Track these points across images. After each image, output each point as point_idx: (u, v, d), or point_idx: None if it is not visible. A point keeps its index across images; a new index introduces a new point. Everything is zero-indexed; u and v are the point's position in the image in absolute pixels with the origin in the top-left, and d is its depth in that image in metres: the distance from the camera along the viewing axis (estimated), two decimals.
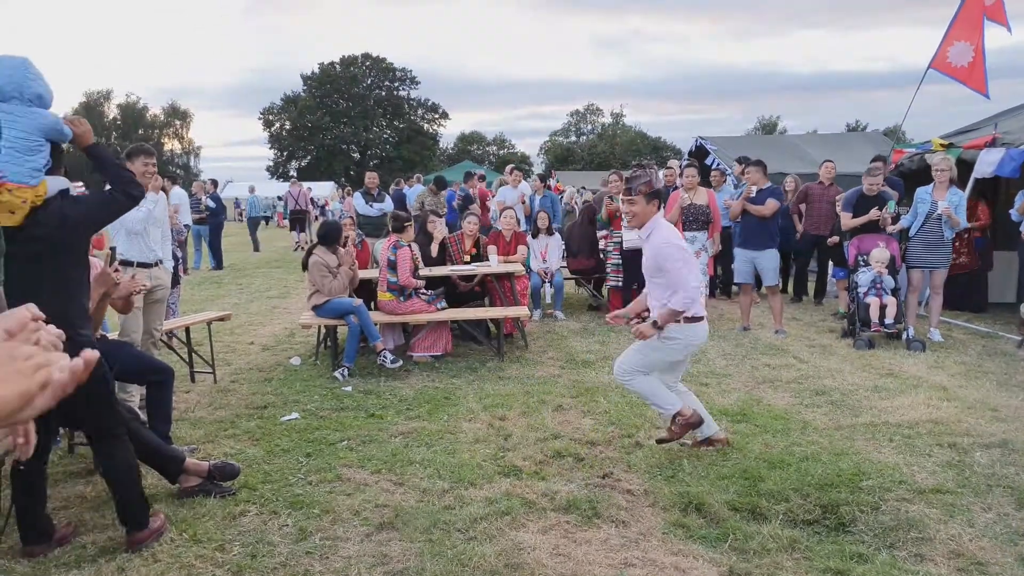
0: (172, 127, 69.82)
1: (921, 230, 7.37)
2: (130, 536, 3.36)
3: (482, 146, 74.45)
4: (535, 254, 9.07)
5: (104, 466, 3.51)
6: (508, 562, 3.18)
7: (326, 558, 3.27)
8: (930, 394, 5.54)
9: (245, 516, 3.69)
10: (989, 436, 4.63)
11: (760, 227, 7.85)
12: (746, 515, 3.63)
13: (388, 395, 5.80)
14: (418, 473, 4.19)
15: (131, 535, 3.36)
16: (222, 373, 6.53)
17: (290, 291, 12.03)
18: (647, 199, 4.21)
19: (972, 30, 9.62)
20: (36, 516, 3.34)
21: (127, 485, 3.44)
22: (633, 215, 4.23)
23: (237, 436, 4.90)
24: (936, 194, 7.37)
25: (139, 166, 4.85)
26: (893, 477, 4.02)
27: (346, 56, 65.14)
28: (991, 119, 9.42)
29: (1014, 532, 3.41)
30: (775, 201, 7.76)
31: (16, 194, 3.03)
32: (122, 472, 3.45)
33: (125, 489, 3.42)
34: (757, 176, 7.91)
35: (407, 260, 6.71)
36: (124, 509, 3.40)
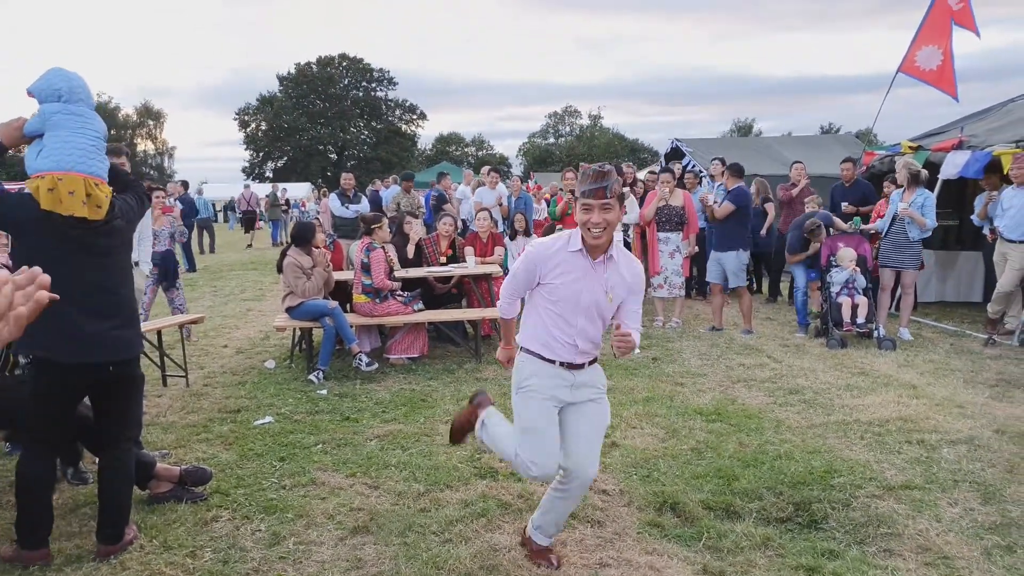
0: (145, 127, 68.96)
1: (890, 231, 7.53)
2: (104, 547, 3.31)
3: (461, 147, 74.37)
4: (513, 255, 9.07)
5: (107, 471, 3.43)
6: (483, 564, 3.18)
7: (299, 563, 3.25)
8: (900, 392, 5.63)
9: (217, 522, 3.65)
10: (956, 433, 4.71)
11: (721, 229, 8.01)
12: (720, 514, 3.66)
13: (364, 398, 5.77)
14: (394, 476, 4.17)
15: (106, 546, 3.31)
16: (195, 377, 6.45)
17: (265, 293, 11.92)
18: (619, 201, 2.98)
19: (940, 34, 9.82)
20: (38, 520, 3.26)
21: (126, 494, 3.43)
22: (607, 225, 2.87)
23: (210, 440, 4.84)
24: (904, 196, 7.51)
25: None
26: (864, 474, 4.08)
27: (323, 56, 64.74)
28: (958, 122, 9.60)
29: (979, 526, 3.48)
30: (728, 204, 7.85)
31: (102, 189, 3.22)
32: (127, 478, 3.45)
33: (122, 498, 3.40)
34: (729, 179, 8.03)
35: (381, 262, 6.68)
36: (113, 520, 3.34)
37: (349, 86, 66.00)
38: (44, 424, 3.24)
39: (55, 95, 3.20)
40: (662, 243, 8.31)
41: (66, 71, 3.29)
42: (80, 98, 3.25)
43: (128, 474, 3.47)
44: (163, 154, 70.01)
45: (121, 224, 3.34)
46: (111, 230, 3.27)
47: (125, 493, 3.43)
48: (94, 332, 3.16)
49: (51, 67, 3.29)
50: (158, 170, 66.62)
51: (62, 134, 3.16)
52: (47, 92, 3.21)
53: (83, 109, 3.25)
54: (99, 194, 3.19)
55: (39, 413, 3.22)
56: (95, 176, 3.20)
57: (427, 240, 8.11)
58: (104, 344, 3.22)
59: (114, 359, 3.27)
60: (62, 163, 3.12)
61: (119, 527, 3.36)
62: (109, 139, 3.47)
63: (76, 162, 3.14)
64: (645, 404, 5.45)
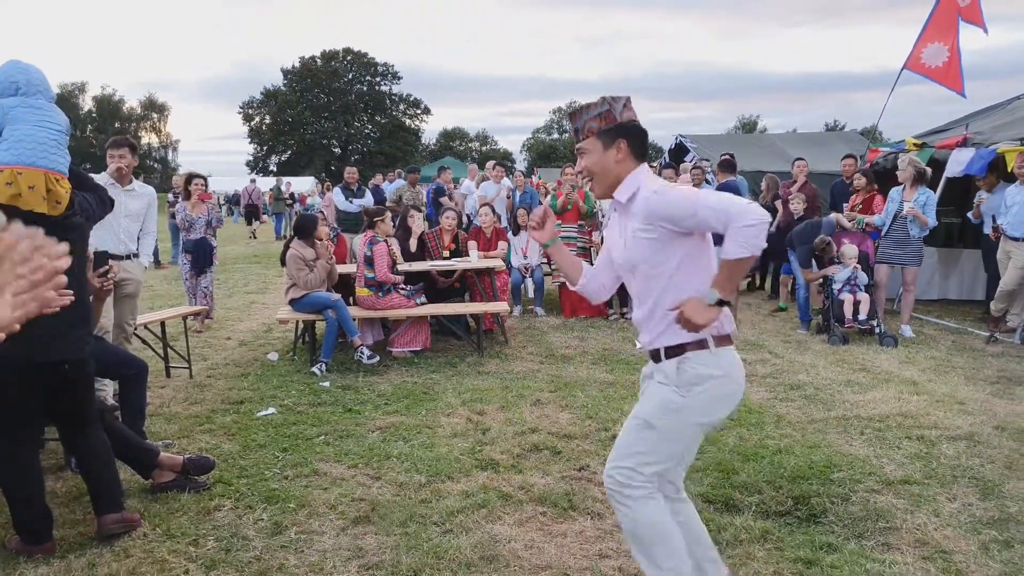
0: (149, 120, 69.06)
1: (891, 228, 7.54)
2: (102, 519, 3.32)
3: (464, 142, 74.46)
4: (516, 250, 9.09)
5: (82, 456, 3.47)
6: (484, 554, 3.20)
7: (301, 552, 3.27)
8: (901, 388, 5.64)
9: (220, 511, 3.68)
10: (956, 429, 4.72)
11: None
12: (720, 507, 3.67)
13: (366, 390, 5.79)
14: (395, 467, 4.20)
15: (105, 517, 3.33)
16: (198, 368, 6.49)
17: (269, 286, 11.96)
18: (605, 140, 2.40)
19: (947, 31, 9.78)
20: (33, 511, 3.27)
21: (107, 464, 3.43)
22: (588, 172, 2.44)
23: (213, 431, 4.88)
24: (905, 194, 7.54)
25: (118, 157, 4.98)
26: (863, 469, 4.09)
27: (327, 51, 64.84)
28: (963, 120, 9.59)
29: (977, 521, 3.49)
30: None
31: (63, 185, 3.17)
32: (102, 454, 3.44)
33: (104, 468, 3.41)
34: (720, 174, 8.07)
35: (384, 255, 6.70)
36: (101, 490, 3.36)
37: (353, 80, 66.05)
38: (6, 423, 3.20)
39: (12, 88, 3.15)
40: None
41: (23, 63, 3.23)
42: (39, 91, 3.19)
43: (104, 451, 3.44)
44: (167, 147, 70.17)
45: (79, 221, 3.28)
46: (70, 226, 3.19)
47: (108, 468, 3.42)
48: (49, 331, 2.93)
49: (8, 60, 3.23)
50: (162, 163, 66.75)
51: (22, 128, 3.10)
52: (4, 85, 3.16)
53: (42, 102, 3.20)
54: (59, 189, 3.12)
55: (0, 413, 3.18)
56: (56, 171, 3.13)
57: (430, 234, 8.14)
58: (59, 343, 3.15)
59: (69, 358, 3.22)
60: (22, 157, 3.06)
61: (115, 498, 3.38)
62: (115, 132, 3.48)
63: (37, 157, 3.08)
64: None
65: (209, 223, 8.38)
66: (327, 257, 6.78)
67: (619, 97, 2.46)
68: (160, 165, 67.53)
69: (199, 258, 8.23)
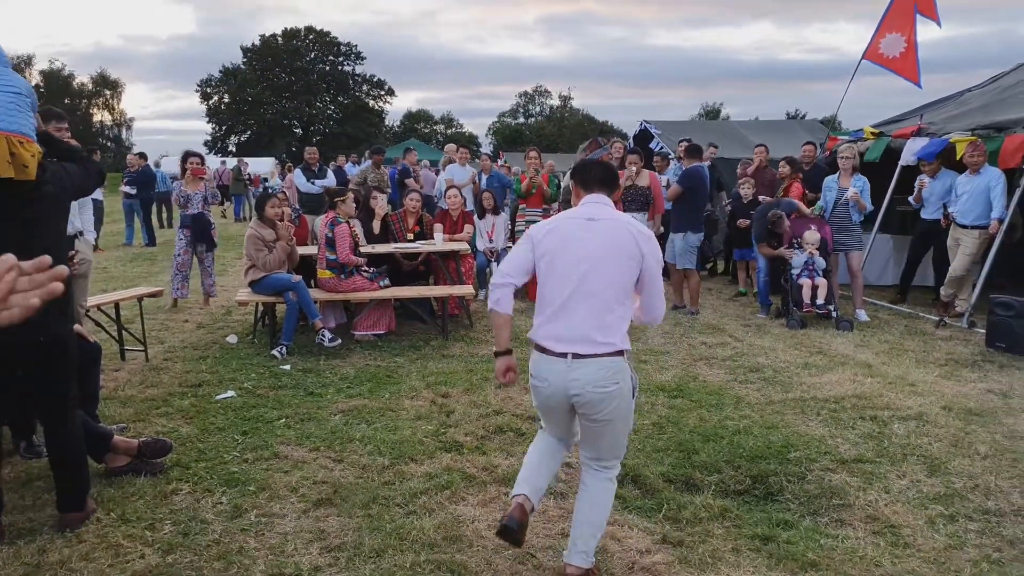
0: (101, 97, 66.93)
1: (832, 216, 7.73)
2: (65, 516, 3.26)
3: (429, 124, 73.74)
4: (481, 233, 9.06)
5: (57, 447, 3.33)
6: (447, 535, 3.21)
7: (262, 535, 3.24)
8: (855, 371, 5.78)
9: (177, 495, 3.62)
10: (907, 409, 4.86)
11: (673, 211, 8.12)
12: (680, 486, 3.74)
13: (328, 373, 5.74)
14: (358, 450, 4.17)
15: (67, 515, 3.26)
16: (154, 351, 6.35)
17: (227, 269, 11.75)
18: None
19: (904, 22, 9.96)
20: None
21: (80, 461, 3.36)
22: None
23: (170, 414, 4.79)
24: (842, 181, 7.80)
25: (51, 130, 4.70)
26: (819, 449, 4.19)
27: (288, 29, 63.48)
28: (917, 110, 9.79)
29: (925, 497, 3.61)
30: (677, 186, 7.95)
31: (27, 147, 3.00)
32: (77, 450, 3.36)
33: (77, 464, 3.33)
34: (686, 159, 8.12)
35: (346, 237, 6.61)
36: (69, 487, 3.28)
37: (315, 60, 64.86)
38: None
39: None
40: None
41: None
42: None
43: (77, 438, 3.36)
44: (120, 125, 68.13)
45: (52, 190, 3.14)
46: (41, 196, 3.08)
47: (80, 458, 3.36)
48: None
49: None
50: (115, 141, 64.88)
51: None
52: None
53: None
54: (24, 153, 2.97)
55: None
56: (18, 134, 2.98)
57: (394, 216, 8.06)
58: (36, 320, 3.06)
59: (44, 335, 3.10)
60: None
61: (81, 494, 3.31)
62: (66, 109, 3.34)
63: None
64: None
65: (206, 199, 8.53)
66: (287, 238, 6.67)
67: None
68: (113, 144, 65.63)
69: (197, 232, 8.40)
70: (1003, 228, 7.26)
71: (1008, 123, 7.55)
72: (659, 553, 3.10)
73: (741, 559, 3.06)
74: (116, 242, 15.16)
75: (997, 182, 7.28)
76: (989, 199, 7.30)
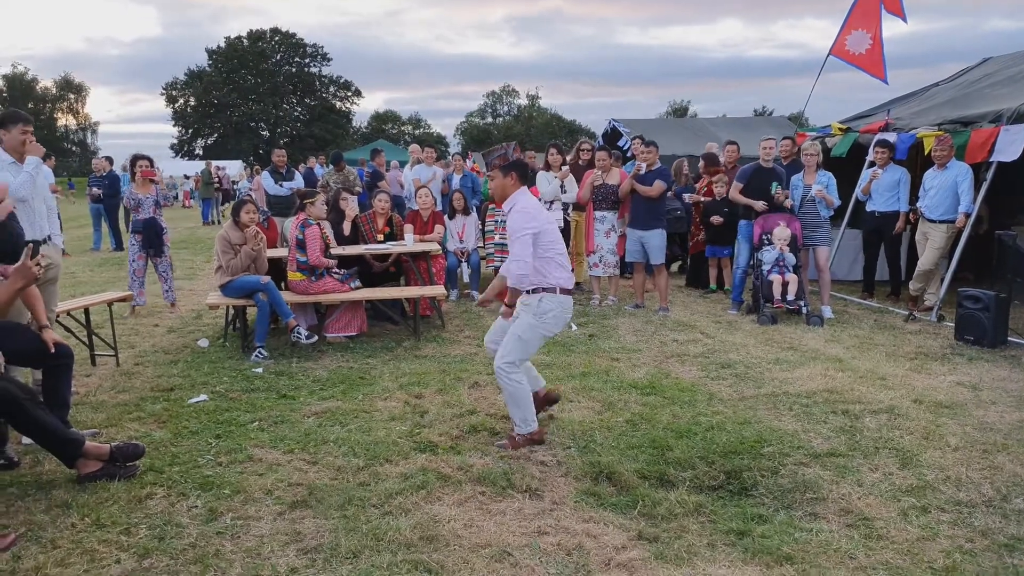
0: (65, 101, 65.64)
1: (800, 212, 7.84)
2: None
3: (397, 125, 73.42)
4: (452, 234, 9.03)
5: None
6: (424, 534, 3.20)
7: (237, 537, 3.20)
8: (826, 365, 5.87)
9: (152, 499, 3.56)
10: (878, 403, 4.94)
11: (647, 207, 8.02)
12: (655, 482, 3.76)
13: (301, 376, 5.69)
14: (332, 452, 4.14)
15: None
16: (125, 356, 6.24)
17: (197, 272, 11.61)
18: (503, 173, 4.22)
19: (870, 19, 10.13)
20: None
21: None
22: (492, 190, 4.30)
23: (142, 419, 4.71)
24: (807, 178, 7.93)
25: (16, 134, 4.61)
26: (791, 443, 4.24)
27: (254, 31, 62.84)
28: (884, 105, 9.96)
29: (897, 489, 3.67)
30: (661, 183, 7.93)
31: None
32: None
33: None
34: (651, 156, 8.09)
35: (316, 239, 6.55)
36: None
37: (281, 61, 64.31)
38: None
39: None
40: (598, 222, 8.37)
41: None
42: None
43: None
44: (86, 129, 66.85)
45: None
46: None
47: None
48: None
49: None
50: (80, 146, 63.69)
51: None
52: None
53: None
54: None
55: None
56: None
57: (363, 218, 8.00)
58: None
59: None
60: None
61: None
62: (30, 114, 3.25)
63: None
64: (582, 379, 5.54)
65: (157, 203, 8.23)
66: (253, 243, 6.54)
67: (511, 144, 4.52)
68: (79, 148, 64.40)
69: (148, 238, 8.10)
70: (970, 222, 7.40)
71: (974, 117, 7.66)
72: (635, 549, 3.12)
73: (716, 554, 3.08)
74: (84, 247, 14.88)
75: (964, 177, 7.41)
76: (956, 193, 7.44)
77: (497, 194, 4.29)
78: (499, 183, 4.24)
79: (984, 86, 9.08)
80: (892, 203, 8.23)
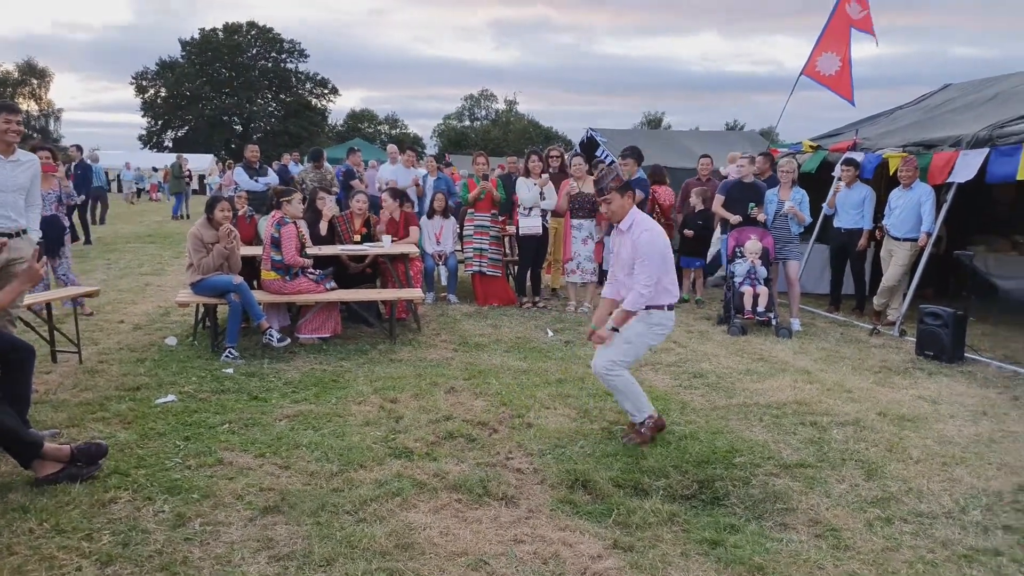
0: (28, 86, 64.02)
1: (772, 226, 7.96)
2: None
3: (373, 124, 72.93)
4: (429, 236, 8.99)
5: None
6: (399, 542, 3.18)
7: (207, 544, 3.14)
8: (795, 377, 5.96)
9: (116, 503, 3.48)
10: (844, 415, 5.03)
11: None
12: (629, 491, 3.78)
13: (272, 377, 5.62)
14: (305, 456, 4.09)
15: None
16: (88, 353, 6.11)
17: (164, 268, 11.40)
18: (620, 193, 4.36)
19: (840, 42, 10.39)
20: None
21: None
22: (611, 212, 4.41)
23: (106, 419, 4.60)
24: (781, 193, 8.06)
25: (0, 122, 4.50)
26: (762, 453, 4.30)
27: (230, 23, 61.92)
28: (853, 125, 10.18)
29: (863, 500, 3.74)
30: (639, 193, 8.03)
31: None
32: None
33: None
34: (628, 167, 8.18)
35: (292, 238, 6.48)
36: None
37: (257, 56, 63.50)
38: None
39: None
40: (575, 229, 8.43)
41: None
42: None
43: None
44: (48, 116, 65.27)
45: None
46: None
47: None
48: None
49: None
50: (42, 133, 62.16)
51: None
52: None
53: None
54: None
55: None
56: None
57: (340, 218, 7.93)
58: None
59: None
60: None
61: None
62: None
63: None
64: (558, 385, 5.56)
65: (60, 199, 7.73)
66: (226, 242, 6.42)
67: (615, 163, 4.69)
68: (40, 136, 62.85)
69: (49, 238, 7.12)
70: (931, 241, 7.61)
71: (937, 140, 7.90)
72: (611, 558, 3.13)
73: (690, 563, 3.11)
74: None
75: (927, 198, 7.64)
76: (920, 214, 7.65)
77: (617, 215, 4.39)
78: (618, 204, 4.36)
79: (945, 111, 9.34)
80: (858, 220, 8.39)
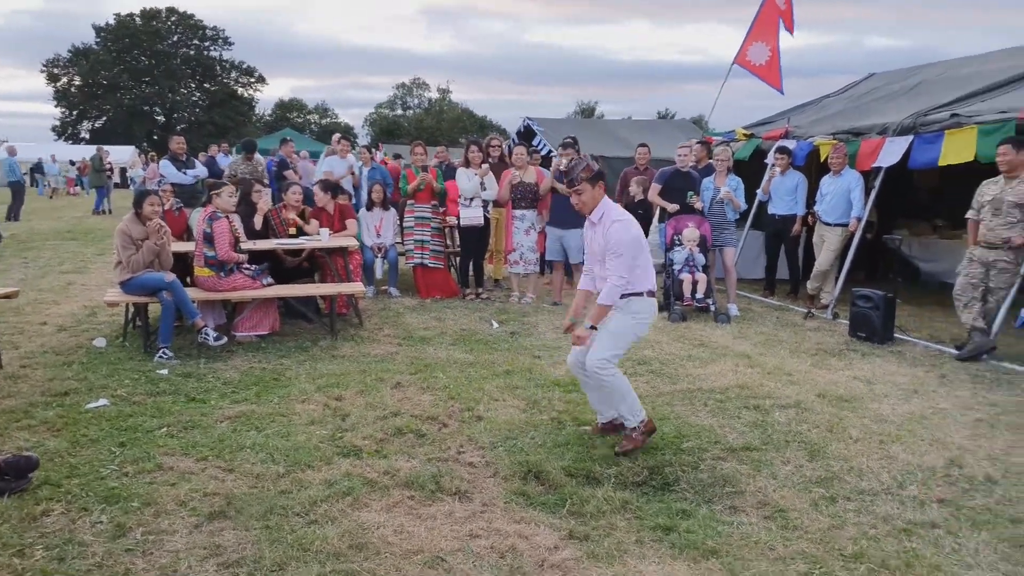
0: None
1: (709, 214, 8.12)
2: None
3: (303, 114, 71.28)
4: (369, 228, 8.83)
5: None
6: (353, 543, 3.11)
7: (150, 554, 3.01)
8: (736, 362, 6.10)
9: (49, 516, 3.30)
10: (786, 398, 5.18)
11: (567, 207, 8.06)
12: (581, 480, 3.80)
13: (210, 378, 5.42)
14: (249, 458, 3.97)
15: None
16: (9, 357, 5.77)
17: (87, 265, 10.89)
18: (591, 184, 4.16)
19: (769, 32, 10.67)
20: None
21: None
22: (582, 203, 4.20)
23: (33, 427, 4.36)
24: (717, 181, 8.24)
25: None
26: (709, 438, 4.39)
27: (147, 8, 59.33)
28: (784, 113, 10.47)
29: (808, 480, 3.85)
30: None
31: None
32: None
33: None
34: (570, 155, 8.20)
35: (225, 233, 6.25)
36: None
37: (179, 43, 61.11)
38: None
39: None
40: (517, 220, 8.42)
41: None
42: None
43: None
44: None
45: None
46: None
47: None
48: None
49: None
50: None
51: None
52: None
53: None
54: None
55: None
56: None
57: (273, 211, 7.69)
58: None
59: None
60: None
61: None
62: None
63: None
64: (506, 377, 5.54)
65: None
66: (156, 238, 6.16)
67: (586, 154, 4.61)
68: None
69: None
70: (861, 225, 7.89)
71: (864, 128, 8.19)
72: (567, 549, 3.14)
73: (646, 550, 3.14)
74: None
75: (856, 184, 7.91)
76: (850, 199, 7.92)
77: (588, 206, 4.19)
78: (590, 195, 4.15)
79: (870, 100, 9.70)
80: (791, 207, 8.64)
